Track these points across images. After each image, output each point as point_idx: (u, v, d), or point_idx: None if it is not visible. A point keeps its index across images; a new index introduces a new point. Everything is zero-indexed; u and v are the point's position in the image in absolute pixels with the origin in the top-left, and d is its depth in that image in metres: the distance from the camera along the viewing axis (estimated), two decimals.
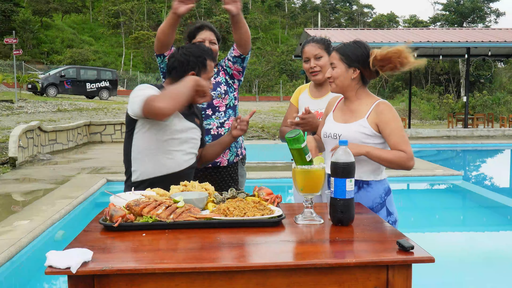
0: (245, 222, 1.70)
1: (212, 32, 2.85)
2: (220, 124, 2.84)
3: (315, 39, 2.76)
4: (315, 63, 2.70)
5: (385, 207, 2.22)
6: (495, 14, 52.41)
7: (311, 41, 2.75)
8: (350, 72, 2.21)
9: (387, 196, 2.24)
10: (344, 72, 2.22)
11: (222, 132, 2.83)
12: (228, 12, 2.59)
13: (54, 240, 4.87)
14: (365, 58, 2.20)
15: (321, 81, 2.74)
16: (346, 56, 2.20)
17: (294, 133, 1.79)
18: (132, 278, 1.35)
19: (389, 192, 2.25)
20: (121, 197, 1.91)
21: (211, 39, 2.82)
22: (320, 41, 2.74)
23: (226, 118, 2.87)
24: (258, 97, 40.24)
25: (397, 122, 2.16)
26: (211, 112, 2.83)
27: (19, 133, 9.12)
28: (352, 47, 2.22)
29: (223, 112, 2.86)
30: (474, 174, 10.86)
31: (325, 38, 2.79)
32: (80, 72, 25.62)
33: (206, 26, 2.88)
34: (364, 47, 2.22)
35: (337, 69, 2.22)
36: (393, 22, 62.36)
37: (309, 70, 2.73)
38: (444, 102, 27.81)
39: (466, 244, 5.32)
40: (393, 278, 1.42)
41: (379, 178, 2.22)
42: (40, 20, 44.39)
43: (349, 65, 2.20)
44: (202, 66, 2.31)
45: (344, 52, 2.21)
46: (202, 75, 2.30)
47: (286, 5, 64.24)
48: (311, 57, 2.71)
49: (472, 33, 19.13)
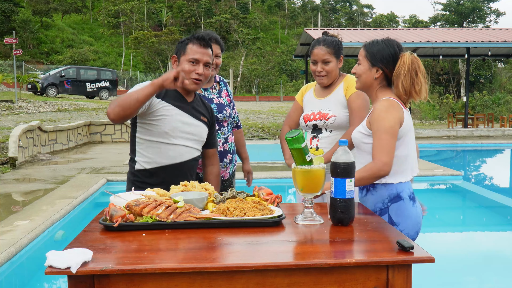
0: (245, 222, 1.70)
1: (217, 45, 2.81)
2: (225, 140, 2.89)
3: (326, 41, 2.66)
4: (322, 67, 2.66)
5: (388, 214, 2.09)
6: (495, 14, 52.44)
7: (322, 43, 2.66)
8: (373, 72, 2.15)
9: (392, 203, 2.09)
10: (367, 70, 2.17)
11: (227, 147, 2.89)
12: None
13: (54, 240, 4.87)
14: (390, 59, 2.12)
15: (326, 85, 2.73)
16: (371, 55, 2.15)
17: (294, 133, 1.79)
18: (132, 278, 1.35)
19: (397, 200, 2.09)
20: (121, 197, 1.91)
21: (216, 53, 2.79)
22: (330, 44, 2.65)
23: (230, 132, 2.95)
24: (258, 97, 40.23)
25: (380, 122, 2.04)
26: (218, 127, 2.83)
27: (19, 133, 9.12)
28: (380, 46, 2.15)
29: (226, 127, 2.92)
30: (474, 174, 10.86)
31: (336, 39, 2.70)
32: (80, 72, 25.61)
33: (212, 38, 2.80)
34: (393, 47, 2.14)
35: (361, 67, 2.18)
36: (393, 22, 62.39)
37: (316, 73, 2.69)
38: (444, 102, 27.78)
39: (466, 244, 5.32)
40: (393, 278, 1.42)
41: (384, 181, 2.09)
42: (40, 20, 44.39)
43: (373, 64, 2.15)
44: (182, 49, 2.35)
45: (370, 50, 2.16)
46: (181, 58, 2.35)
47: (286, 5, 64.25)
48: (319, 60, 2.66)
49: (472, 33, 19.13)
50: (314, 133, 2.74)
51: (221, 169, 2.84)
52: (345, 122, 2.67)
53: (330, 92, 2.73)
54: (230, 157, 2.92)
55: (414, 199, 2.15)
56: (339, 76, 2.76)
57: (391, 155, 2.02)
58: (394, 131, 2.03)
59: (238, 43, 46.27)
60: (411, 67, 2.06)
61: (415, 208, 2.12)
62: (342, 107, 2.68)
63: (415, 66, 2.08)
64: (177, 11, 53.49)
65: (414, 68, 2.07)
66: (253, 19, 53.87)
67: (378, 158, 2.00)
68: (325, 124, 2.68)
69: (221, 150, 2.85)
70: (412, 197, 2.14)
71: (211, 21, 48.52)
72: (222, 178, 2.89)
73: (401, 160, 2.11)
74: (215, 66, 2.81)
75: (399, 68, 2.08)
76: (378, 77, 2.15)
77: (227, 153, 2.89)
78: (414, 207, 2.12)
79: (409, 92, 2.08)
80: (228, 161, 2.91)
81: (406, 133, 2.11)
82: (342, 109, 2.67)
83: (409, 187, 2.14)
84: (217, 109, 2.81)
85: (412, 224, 2.10)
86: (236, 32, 47.47)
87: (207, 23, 48.81)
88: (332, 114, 2.66)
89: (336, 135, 2.67)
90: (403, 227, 2.07)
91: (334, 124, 2.66)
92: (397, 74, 2.09)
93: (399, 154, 2.10)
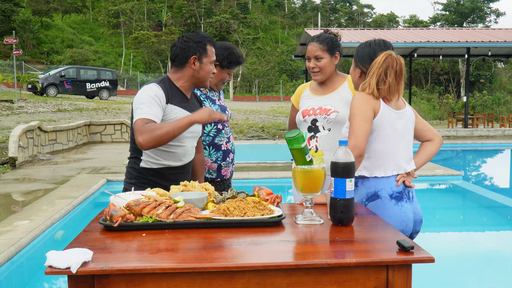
0: (245, 222, 1.70)
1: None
2: (228, 139, 2.91)
3: (320, 38, 2.66)
4: (315, 63, 2.66)
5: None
6: (495, 14, 52.45)
7: (315, 40, 2.67)
8: (357, 71, 2.18)
9: (370, 201, 2.10)
10: (353, 71, 2.21)
11: (229, 146, 2.91)
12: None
13: (54, 240, 4.87)
14: (367, 59, 2.13)
15: (320, 81, 2.72)
16: (355, 56, 2.18)
17: (294, 133, 1.79)
18: (132, 278, 1.35)
19: (374, 198, 2.09)
20: (121, 197, 1.91)
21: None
22: (324, 41, 2.65)
23: (231, 132, 2.99)
24: (258, 97, 40.21)
25: (352, 109, 2.08)
26: (221, 127, 2.87)
27: (19, 133, 9.12)
28: (361, 47, 2.17)
29: (228, 127, 2.96)
30: (474, 174, 10.86)
31: (331, 36, 2.68)
32: (80, 72, 25.62)
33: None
34: (371, 48, 2.15)
35: (351, 68, 2.22)
36: (393, 22, 62.37)
37: (309, 69, 2.71)
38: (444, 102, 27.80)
39: (466, 244, 5.32)
40: (393, 278, 1.42)
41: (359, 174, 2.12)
42: (40, 20, 44.38)
43: (356, 64, 2.18)
44: (203, 50, 2.34)
45: (356, 51, 2.18)
46: (203, 59, 2.35)
47: (286, 5, 64.24)
48: (312, 57, 2.66)
49: (472, 33, 19.14)
50: (311, 132, 2.70)
51: (224, 168, 2.88)
52: (346, 120, 2.66)
53: (331, 90, 2.72)
54: (232, 157, 2.95)
55: (400, 198, 2.12)
56: (337, 75, 2.75)
57: (359, 137, 2.02)
58: (364, 115, 2.05)
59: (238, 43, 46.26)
60: (381, 65, 2.05)
61: (398, 207, 2.10)
62: (347, 105, 2.65)
63: (386, 65, 2.06)
64: (177, 11, 53.48)
65: (384, 67, 2.06)
66: (253, 19, 53.83)
67: (348, 144, 2.01)
68: (325, 120, 2.64)
69: (225, 149, 2.87)
70: (396, 196, 2.11)
71: (211, 21, 48.50)
72: (224, 177, 2.91)
73: (376, 154, 2.12)
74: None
75: (370, 66, 2.10)
76: (360, 77, 2.18)
77: (230, 152, 2.91)
78: (398, 206, 2.10)
79: (374, 90, 2.06)
80: (230, 160, 2.93)
81: (384, 126, 2.10)
82: (346, 107, 2.64)
83: (392, 186, 2.12)
84: (220, 110, 2.85)
85: (394, 223, 2.07)
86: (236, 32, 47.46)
87: (207, 23, 48.81)
88: (334, 110, 2.64)
89: (335, 133, 2.63)
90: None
91: (336, 119, 2.61)
92: (368, 72, 2.12)
93: (373, 148, 2.11)
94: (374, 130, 2.10)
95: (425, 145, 2.34)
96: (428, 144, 2.34)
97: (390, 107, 2.13)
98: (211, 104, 2.84)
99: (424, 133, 2.33)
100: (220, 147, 2.85)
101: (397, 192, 2.13)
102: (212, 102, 2.85)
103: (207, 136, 2.81)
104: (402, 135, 2.16)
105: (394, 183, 2.13)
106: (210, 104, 2.83)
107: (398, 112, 2.15)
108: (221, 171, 2.87)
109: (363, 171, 2.13)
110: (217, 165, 2.84)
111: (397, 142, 2.15)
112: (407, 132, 2.20)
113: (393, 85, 2.07)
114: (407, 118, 2.19)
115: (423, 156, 2.31)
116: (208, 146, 2.81)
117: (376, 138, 2.11)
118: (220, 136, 2.84)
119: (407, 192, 2.17)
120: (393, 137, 2.13)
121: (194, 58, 2.33)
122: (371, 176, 2.12)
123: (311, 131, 2.70)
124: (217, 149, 2.83)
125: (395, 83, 2.07)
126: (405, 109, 2.20)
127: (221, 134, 2.84)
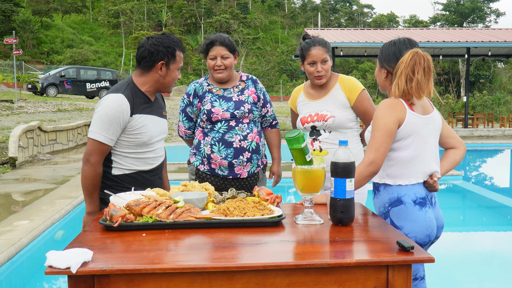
0: (245, 222, 1.70)
1: (224, 47, 2.78)
2: (243, 137, 2.76)
3: (321, 42, 2.67)
4: (322, 67, 2.65)
5: (389, 218, 2.06)
6: (495, 14, 52.45)
7: (317, 44, 2.65)
8: (382, 72, 2.13)
9: (393, 207, 2.05)
10: (378, 72, 2.15)
11: (244, 145, 2.76)
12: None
13: (54, 240, 4.87)
14: (393, 58, 2.07)
15: (322, 84, 2.72)
16: (379, 56, 2.12)
17: (294, 133, 1.79)
18: (132, 278, 1.35)
19: (398, 204, 2.05)
20: (121, 197, 1.91)
21: (222, 54, 2.77)
22: (324, 44, 2.67)
23: (250, 130, 2.80)
24: None
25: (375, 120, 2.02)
26: (234, 123, 2.76)
27: (19, 133, 9.12)
28: (385, 46, 2.11)
29: (246, 124, 2.79)
30: (474, 174, 10.86)
31: (324, 39, 2.73)
32: (80, 72, 25.59)
33: (217, 41, 2.79)
34: (396, 46, 2.10)
35: (376, 69, 2.17)
36: (393, 22, 62.43)
37: (315, 74, 2.67)
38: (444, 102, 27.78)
39: (466, 244, 5.32)
40: (393, 278, 1.42)
41: (384, 181, 2.08)
42: (40, 20, 44.38)
43: (381, 64, 2.13)
44: (172, 56, 2.30)
45: (380, 51, 2.13)
46: (171, 65, 2.31)
47: (286, 5, 64.26)
48: (319, 61, 2.64)
49: (472, 33, 19.13)
50: (313, 136, 2.71)
51: (237, 166, 2.76)
52: (345, 122, 2.66)
53: (324, 93, 2.72)
54: (248, 155, 2.77)
55: (424, 203, 2.06)
56: (330, 76, 2.76)
57: (380, 153, 1.97)
58: (388, 129, 1.98)
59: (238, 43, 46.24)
60: (408, 64, 1.99)
61: (423, 212, 2.04)
62: (342, 108, 2.67)
63: (413, 63, 1.99)
64: (177, 11, 53.49)
65: (411, 65, 1.99)
66: (253, 19, 53.83)
67: (366, 155, 1.98)
68: (324, 125, 2.67)
69: (237, 146, 2.74)
70: (420, 201, 2.05)
71: (211, 21, 48.49)
72: (238, 176, 2.80)
73: (403, 162, 2.05)
74: (224, 68, 2.78)
75: (397, 66, 2.04)
76: (386, 78, 2.11)
77: (244, 151, 2.76)
78: (422, 211, 2.04)
79: (405, 90, 2.01)
80: (245, 160, 2.77)
81: (410, 134, 2.03)
82: (341, 110, 2.67)
83: (415, 192, 2.06)
84: (234, 106, 2.75)
85: (420, 228, 2.02)
86: (236, 32, 47.44)
87: (207, 23, 48.80)
88: (331, 115, 2.65)
89: (335, 135, 2.67)
90: (408, 230, 2.02)
91: (334, 124, 2.65)
92: (395, 72, 2.05)
93: (398, 156, 2.05)
94: (399, 139, 2.03)
95: (449, 153, 2.26)
96: (452, 152, 2.25)
97: (416, 113, 2.05)
98: (223, 102, 2.76)
99: (448, 139, 2.25)
100: (231, 144, 2.73)
101: (420, 198, 2.07)
102: (226, 100, 2.77)
103: (217, 132, 2.74)
104: (428, 140, 2.10)
105: (417, 189, 2.07)
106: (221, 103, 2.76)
107: (425, 117, 2.07)
108: (233, 169, 2.76)
109: (387, 179, 2.08)
110: (227, 162, 2.74)
111: (423, 149, 2.08)
112: (433, 138, 2.13)
113: (423, 82, 2.00)
114: (434, 123, 2.12)
115: (445, 164, 2.22)
116: (217, 143, 2.73)
117: (400, 146, 2.05)
118: (231, 133, 2.74)
119: (430, 197, 2.11)
120: (418, 144, 2.06)
121: (162, 63, 2.28)
122: (395, 184, 2.07)
123: (313, 135, 2.72)
124: (228, 146, 2.72)
125: (424, 80, 2.00)
126: (433, 113, 2.13)
127: (233, 131, 2.74)
